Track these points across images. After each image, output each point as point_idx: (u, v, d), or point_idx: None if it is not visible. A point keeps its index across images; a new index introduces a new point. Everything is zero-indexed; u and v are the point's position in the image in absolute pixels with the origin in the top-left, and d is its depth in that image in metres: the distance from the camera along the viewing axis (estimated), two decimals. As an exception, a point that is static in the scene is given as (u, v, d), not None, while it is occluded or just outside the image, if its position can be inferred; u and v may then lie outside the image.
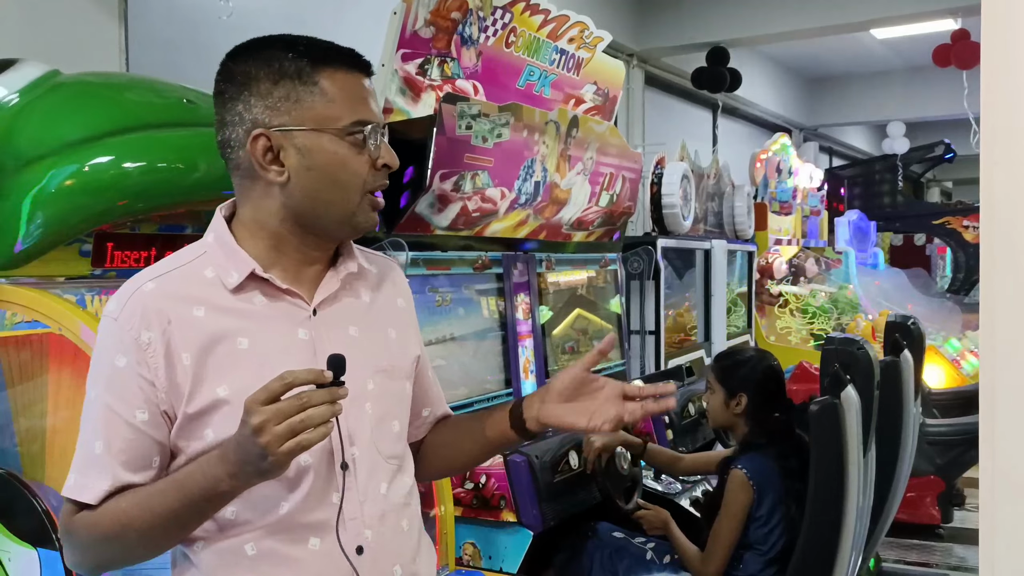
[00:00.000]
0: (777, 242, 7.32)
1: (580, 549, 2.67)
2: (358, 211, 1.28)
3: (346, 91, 1.26)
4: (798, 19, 7.98)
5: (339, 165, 1.26)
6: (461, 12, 2.95)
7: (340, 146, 1.25)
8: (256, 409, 1.09)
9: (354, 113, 1.26)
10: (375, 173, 1.28)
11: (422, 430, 1.54)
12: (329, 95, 1.25)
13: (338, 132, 1.25)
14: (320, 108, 1.25)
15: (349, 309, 1.35)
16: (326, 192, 1.27)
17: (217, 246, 1.30)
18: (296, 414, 1.08)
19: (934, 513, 4.97)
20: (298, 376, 1.11)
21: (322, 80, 1.25)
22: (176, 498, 1.18)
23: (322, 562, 1.24)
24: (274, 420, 1.08)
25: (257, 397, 1.10)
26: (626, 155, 3.80)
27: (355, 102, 1.26)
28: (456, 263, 3.01)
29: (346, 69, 1.27)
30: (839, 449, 2.30)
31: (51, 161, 2.04)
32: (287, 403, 1.09)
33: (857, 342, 2.51)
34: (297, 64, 1.26)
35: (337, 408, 1.12)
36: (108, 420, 1.23)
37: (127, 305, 1.24)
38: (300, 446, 1.09)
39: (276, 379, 1.10)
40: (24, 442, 2.11)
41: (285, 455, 1.09)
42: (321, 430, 1.10)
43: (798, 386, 5.06)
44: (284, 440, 1.08)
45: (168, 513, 1.18)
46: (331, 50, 1.28)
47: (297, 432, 1.08)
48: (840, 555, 2.33)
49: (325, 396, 1.11)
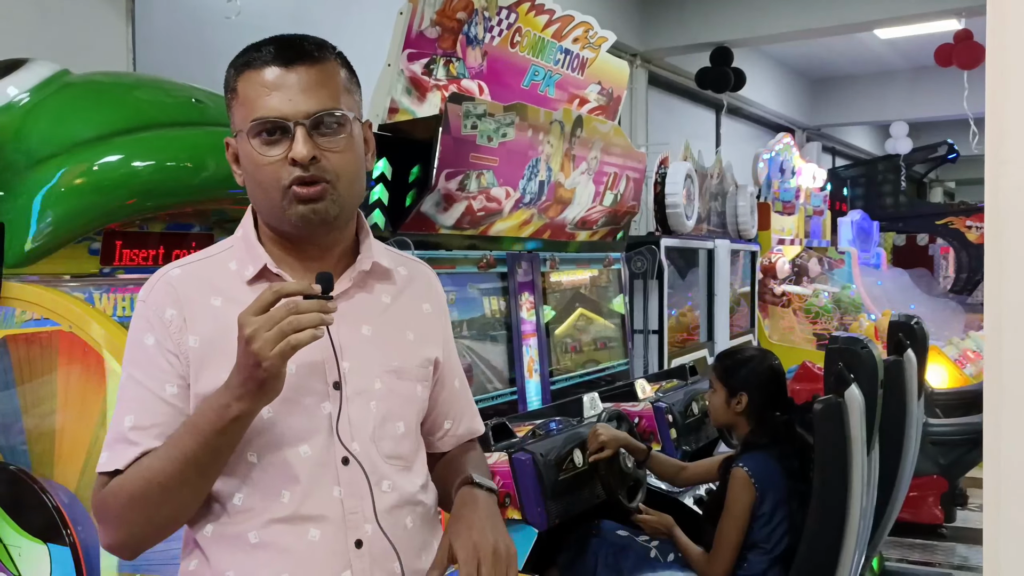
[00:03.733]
0: (780, 242, 7.33)
1: (584, 547, 2.68)
2: (284, 207, 1.28)
3: (251, 90, 1.27)
4: (802, 19, 7.99)
5: (254, 165, 1.28)
6: (467, 12, 2.97)
7: (251, 146, 1.27)
8: (248, 320, 1.15)
9: (255, 111, 1.26)
10: (288, 168, 1.26)
11: (444, 443, 1.53)
12: (241, 98, 1.28)
13: (246, 133, 1.27)
14: (238, 112, 1.29)
15: (363, 308, 1.37)
16: (254, 192, 1.32)
17: (242, 240, 1.36)
18: (284, 319, 1.13)
19: (937, 513, 4.97)
20: (286, 287, 1.17)
21: (239, 84, 1.29)
22: (191, 439, 1.21)
23: (320, 553, 1.26)
24: (264, 327, 1.13)
25: (249, 309, 1.15)
26: (630, 155, 3.81)
27: (257, 99, 1.26)
28: (461, 262, 3.03)
29: (257, 67, 1.27)
30: (843, 448, 2.31)
31: (61, 160, 2.06)
32: (276, 310, 1.14)
33: (861, 341, 2.52)
34: (228, 73, 1.31)
35: (327, 318, 1.17)
36: (139, 396, 1.27)
37: (155, 288, 1.32)
38: (290, 346, 1.14)
39: (266, 290, 1.16)
40: (33, 439, 2.13)
41: (277, 357, 1.13)
42: (310, 333, 1.15)
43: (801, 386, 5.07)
44: (274, 344, 1.13)
45: (186, 456, 1.21)
46: (252, 50, 1.29)
47: (286, 334, 1.13)
48: (843, 554, 2.34)
49: (314, 306, 1.16)
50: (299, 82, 1.26)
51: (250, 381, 1.16)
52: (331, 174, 1.27)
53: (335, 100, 1.28)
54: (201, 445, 1.20)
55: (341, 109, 1.28)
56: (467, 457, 1.53)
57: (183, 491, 1.24)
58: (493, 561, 1.27)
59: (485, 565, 1.26)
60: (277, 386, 1.18)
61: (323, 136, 1.27)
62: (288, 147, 1.25)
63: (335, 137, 1.28)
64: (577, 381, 3.63)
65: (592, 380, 3.73)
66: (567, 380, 3.57)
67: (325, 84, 1.28)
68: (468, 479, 1.39)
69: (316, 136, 1.26)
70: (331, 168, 1.27)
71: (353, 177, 1.32)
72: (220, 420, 1.19)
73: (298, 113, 1.25)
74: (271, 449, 1.27)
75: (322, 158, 1.26)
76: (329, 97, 1.27)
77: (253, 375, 1.15)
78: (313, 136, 1.26)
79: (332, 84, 1.29)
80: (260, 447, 1.27)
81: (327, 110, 1.27)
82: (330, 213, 1.29)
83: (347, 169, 1.30)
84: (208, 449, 1.21)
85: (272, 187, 1.27)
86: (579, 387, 3.57)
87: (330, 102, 1.27)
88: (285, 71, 1.26)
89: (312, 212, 1.27)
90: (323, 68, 1.29)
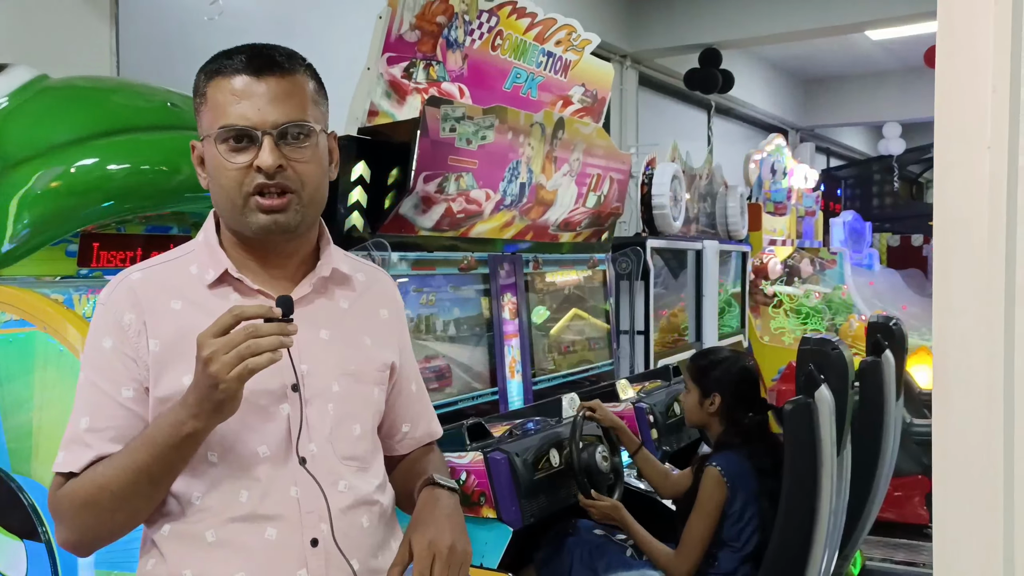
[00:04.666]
0: (771, 242, 7.35)
1: (560, 546, 2.71)
2: (246, 213, 1.30)
3: (221, 96, 1.29)
4: (791, 21, 8.01)
5: (218, 170, 1.31)
6: (447, 16, 2.99)
7: (217, 151, 1.30)
8: (206, 341, 1.17)
9: (223, 117, 1.29)
10: (252, 175, 1.28)
11: (403, 446, 1.56)
12: (210, 103, 1.31)
13: (213, 138, 1.30)
14: (206, 117, 1.32)
15: (322, 312, 1.40)
16: (217, 196, 1.34)
17: (203, 245, 1.38)
18: (243, 342, 1.15)
19: (922, 513, 4.98)
20: (246, 310, 1.18)
21: (209, 90, 1.32)
22: (146, 451, 1.23)
23: (276, 551, 1.29)
24: (222, 349, 1.15)
25: (208, 330, 1.17)
26: (613, 156, 3.83)
27: (226, 106, 1.29)
28: (441, 263, 3.05)
29: (228, 74, 1.30)
30: (812, 448, 2.33)
31: (38, 163, 2.08)
32: (235, 333, 1.16)
33: (831, 342, 2.54)
34: (198, 78, 1.34)
35: (287, 341, 1.18)
36: (94, 398, 1.30)
37: (115, 291, 1.34)
38: (247, 370, 1.15)
39: (226, 313, 1.18)
40: (11, 438, 2.15)
41: (234, 380, 1.16)
42: (268, 356, 1.16)
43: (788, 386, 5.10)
44: (232, 367, 1.15)
45: (139, 468, 1.24)
46: (223, 57, 1.32)
47: (244, 358, 1.15)
48: (813, 553, 2.36)
49: (273, 328, 1.18)
50: (268, 92, 1.29)
51: (206, 401, 1.18)
52: (296, 183, 1.30)
53: (302, 111, 1.31)
54: (155, 458, 1.23)
55: (308, 121, 1.31)
56: (427, 459, 1.56)
57: (135, 499, 1.27)
58: (448, 558, 1.30)
59: (439, 562, 1.29)
60: (233, 406, 1.20)
61: (289, 146, 1.30)
62: (254, 155, 1.28)
63: (301, 147, 1.31)
64: (560, 382, 3.65)
65: (576, 380, 3.75)
66: (550, 380, 3.59)
67: (293, 95, 1.31)
68: (430, 480, 1.42)
69: (282, 146, 1.29)
70: (295, 178, 1.30)
71: (316, 187, 1.35)
72: (175, 435, 1.21)
73: (266, 123, 1.28)
74: (231, 449, 1.30)
75: (288, 167, 1.29)
76: (297, 108, 1.30)
77: (210, 396, 1.17)
78: (279, 146, 1.29)
79: (300, 95, 1.32)
80: (220, 447, 1.29)
81: (294, 121, 1.30)
82: (291, 223, 1.32)
83: (311, 179, 1.33)
84: (161, 462, 1.24)
85: (235, 192, 1.29)
86: (562, 387, 3.58)
87: (297, 113, 1.30)
88: (255, 80, 1.29)
89: (273, 223, 1.30)
90: (292, 79, 1.32)
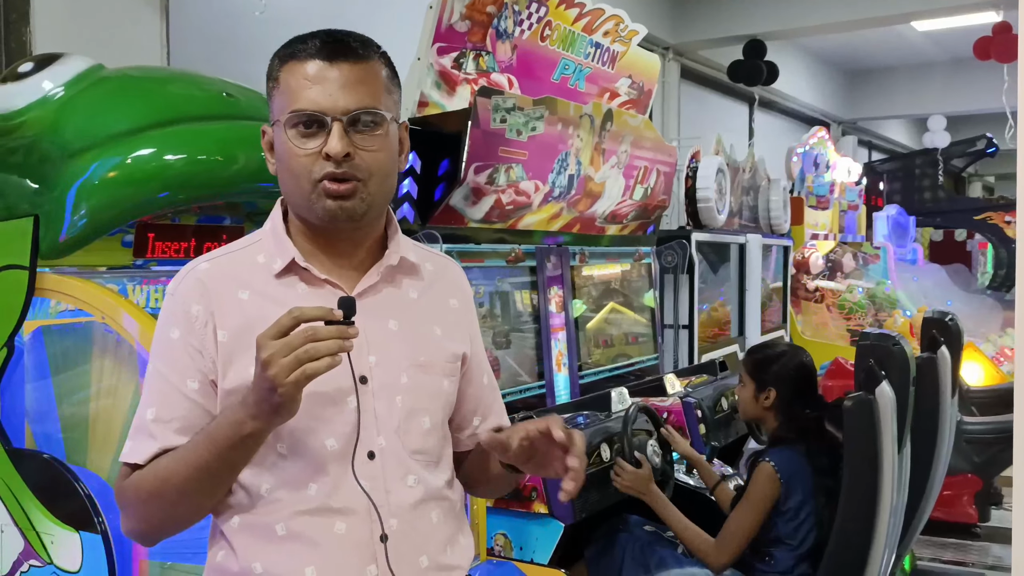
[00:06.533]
0: (813, 237, 7.26)
1: (611, 542, 2.68)
2: (313, 200, 1.28)
3: (293, 81, 1.27)
4: (837, 11, 7.89)
5: (288, 155, 1.28)
6: (496, 6, 2.96)
7: (286, 137, 1.28)
8: (265, 343, 1.14)
9: (295, 102, 1.27)
10: (322, 162, 1.26)
11: (473, 440, 1.52)
12: (282, 87, 1.29)
13: (283, 123, 1.28)
14: (278, 102, 1.30)
15: (390, 302, 1.37)
16: (286, 182, 1.32)
17: (271, 234, 1.36)
18: (302, 346, 1.12)
19: (971, 512, 4.90)
20: (306, 312, 1.15)
21: (282, 74, 1.29)
22: (207, 449, 1.22)
23: (346, 546, 1.27)
24: (281, 352, 1.12)
25: (267, 332, 1.14)
26: (660, 148, 3.79)
27: (298, 91, 1.27)
28: (489, 256, 3.03)
29: (302, 59, 1.28)
30: (873, 445, 2.28)
31: (95, 153, 2.09)
32: (294, 336, 1.13)
33: (893, 338, 2.49)
34: (272, 62, 1.32)
35: (347, 345, 1.15)
36: (161, 389, 1.30)
37: (183, 282, 1.33)
38: (305, 375, 1.13)
39: (285, 314, 1.15)
40: (67, 428, 2.16)
41: (291, 385, 1.13)
42: (327, 361, 1.13)
43: (833, 382, 5.02)
44: (290, 371, 1.12)
45: (201, 465, 1.23)
46: (298, 42, 1.30)
47: (303, 362, 1.12)
48: (873, 552, 2.31)
49: (333, 332, 1.14)
50: (340, 78, 1.27)
51: (264, 403, 1.16)
52: (363, 172, 1.27)
53: (375, 99, 1.28)
54: (215, 456, 1.22)
55: (379, 108, 1.29)
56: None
57: (197, 495, 1.27)
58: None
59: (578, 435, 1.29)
60: (293, 409, 1.18)
61: (359, 134, 1.27)
62: (323, 141, 1.25)
63: (371, 135, 1.28)
64: (606, 375, 3.62)
65: (622, 375, 3.72)
66: (596, 374, 3.56)
67: (366, 82, 1.28)
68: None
69: (352, 133, 1.26)
70: (364, 166, 1.27)
71: (385, 176, 1.32)
72: (235, 435, 1.20)
73: (336, 109, 1.26)
74: (299, 441, 1.28)
75: (356, 155, 1.26)
76: (369, 95, 1.28)
77: (268, 398, 1.15)
78: (349, 133, 1.26)
79: (373, 83, 1.29)
80: (289, 439, 1.28)
81: (365, 108, 1.27)
82: (357, 211, 1.29)
83: (379, 168, 1.30)
84: (222, 461, 1.22)
85: (304, 178, 1.27)
86: (608, 381, 3.56)
87: (369, 100, 1.28)
88: (328, 65, 1.27)
89: (340, 209, 1.28)
90: (366, 66, 1.29)
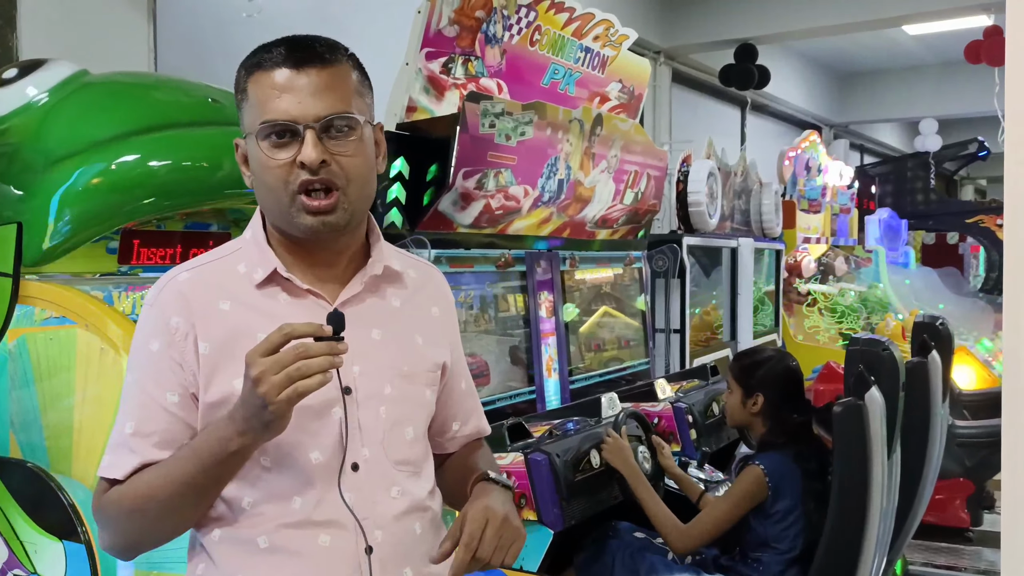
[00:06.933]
0: (805, 240, 7.26)
1: (601, 548, 2.67)
2: (293, 214, 1.26)
3: (261, 92, 1.25)
4: (828, 15, 7.91)
5: (262, 168, 1.26)
6: (485, 11, 2.96)
7: (259, 149, 1.25)
8: (255, 360, 1.13)
9: (264, 113, 1.24)
10: (297, 172, 1.24)
11: (453, 444, 1.53)
12: (251, 99, 1.27)
13: (256, 135, 1.25)
14: (248, 114, 1.28)
15: (373, 311, 1.35)
16: (263, 196, 1.29)
17: (252, 242, 1.34)
18: (293, 363, 1.11)
19: (963, 516, 4.89)
20: (296, 329, 1.14)
21: (249, 85, 1.27)
22: (192, 464, 1.20)
23: (331, 559, 1.26)
24: (272, 370, 1.11)
25: (257, 349, 1.13)
26: (651, 153, 3.79)
27: (267, 101, 1.24)
28: (479, 261, 3.02)
29: (268, 68, 1.25)
30: (863, 450, 2.28)
31: (79, 159, 2.07)
32: (285, 353, 1.12)
33: (882, 343, 2.48)
34: (239, 74, 1.29)
35: (337, 361, 1.14)
36: (141, 402, 1.27)
37: (162, 292, 1.30)
38: (296, 393, 1.11)
39: (275, 331, 1.14)
40: (51, 436, 2.14)
41: (283, 403, 1.12)
42: (318, 379, 1.12)
43: (825, 386, 5.02)
44: (281, 388, 1.11)
45: (186, 480, 1.21)
46: (263, 51, 1.27)
47: (294, 380, 1.11)
48: (863, 556, 2.30)
49: (323, 348, 1.13)
50: (309, 85, 1.24)
51: (254, 419, 1.15)
52: (341, 179, 1.25)
53: (346, 103, 1.26)
54: (201, 471, 1.20)
55: (351, 112, 1.26)
56: (477, 455, 1.52)
57: (182, 510, 1.25)
58: (500, 527, 1.25)
59: (491, 527, 1.24)
60: (282, 426, 1.17)
61: (333, 140, 1.25)
62: (297, 150, 1.23)
63: (345, 141, 1.26)
64: (597, 380, 3.61)
65: (612, 379, 3.71)
66: (587, 379, 3.55)
67: (336, 87, 1.26)
68: (484, 475, 1.38)
69: (326, 140, 1.24)
70: (341, 173, 1.25)
71: (363, 181, 1.29)
72: (222, 451, 1.18)
73: (307, 116, 1.23)
74: (285, 455, 1.26)
75: (332, 162, 1.24)
76: (340, 100, 1.25)
77: (258, 415, 1.14)
78: (323, 140, 1.24)
79: (343, 87, 1.27)
80: (274, 453, 1.26)
81: (337, 113, 1.24)
82: (340, 223, 1.27)
83: (357, 174, 1.27)
84: (207, 476, 1.21)
85: (280, 190, 1.25)
86: (599, 386, 3.55)
87: (341, 105, 1.25)
88: (296, 73, 1.24)
89: (322, 224, 1.26)
90: (334, 70, 1.26)
